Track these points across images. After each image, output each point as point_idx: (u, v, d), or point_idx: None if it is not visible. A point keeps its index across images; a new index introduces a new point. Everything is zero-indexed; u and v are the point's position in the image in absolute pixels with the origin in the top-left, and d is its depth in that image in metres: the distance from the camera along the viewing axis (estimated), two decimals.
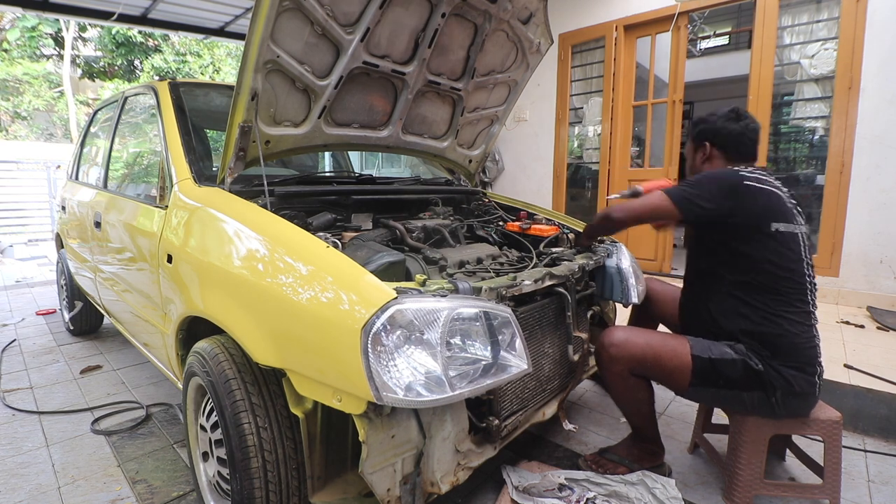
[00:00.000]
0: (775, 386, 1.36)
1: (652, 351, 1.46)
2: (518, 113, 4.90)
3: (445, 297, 1.04)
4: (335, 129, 1.81)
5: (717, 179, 1.40)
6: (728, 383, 1.40)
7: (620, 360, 1.48)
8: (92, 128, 3.06)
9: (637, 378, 1.52)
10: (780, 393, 1.37)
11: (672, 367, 1.44)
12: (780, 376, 1.36)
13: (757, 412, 1.44)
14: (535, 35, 2.02)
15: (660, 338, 1.49)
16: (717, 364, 1.40)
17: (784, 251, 1.37)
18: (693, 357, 1.41)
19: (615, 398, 1.62)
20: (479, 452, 1.29)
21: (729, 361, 1.39)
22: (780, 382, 1.36)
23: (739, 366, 1.38)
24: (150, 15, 5.15)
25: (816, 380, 1.39)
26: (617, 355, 1.48)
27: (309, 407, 1.12)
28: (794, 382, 1.36)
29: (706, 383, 1.42)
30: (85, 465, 1.76)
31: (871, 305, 3.11)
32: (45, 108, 13.63)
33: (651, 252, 4.17)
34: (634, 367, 1.48)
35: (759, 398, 1.40)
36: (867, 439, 1.96)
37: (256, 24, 1.33)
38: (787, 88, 3.55)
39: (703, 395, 1.49)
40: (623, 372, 1.50)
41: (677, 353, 1.43)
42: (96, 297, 2.56)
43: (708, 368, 1.40)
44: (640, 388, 1.54)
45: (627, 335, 1.50)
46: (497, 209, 2.26)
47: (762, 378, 1.37)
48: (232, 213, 1.35)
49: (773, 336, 1.37)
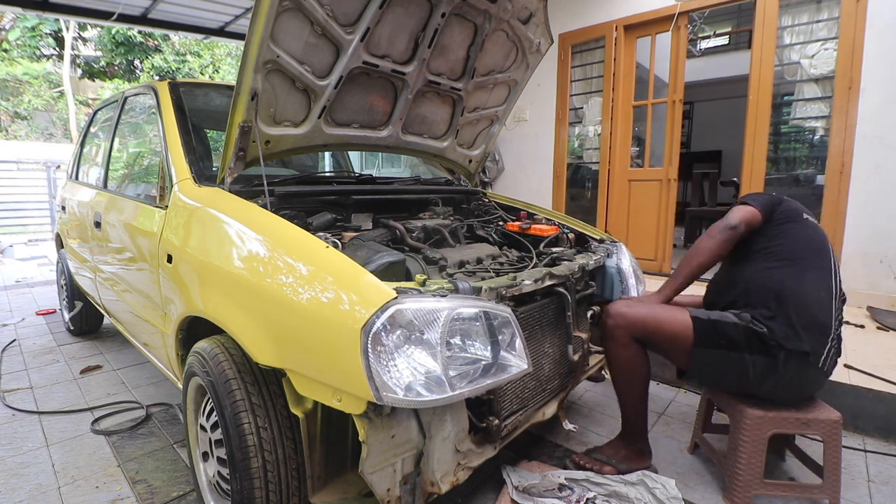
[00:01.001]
0: (781, 345, 1.38)
1: (653, 315, 1.55)
2: (518, 113, 4.90)
3: (445, 297, 1.04)
4: (335, 129, 1.81)
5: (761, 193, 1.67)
6: (730, 344, 1.44)
7: (623, 326, 1.57)
8: (92, 128, 3.06)
9: (638, 347, 1.57)
10: (784, 354, 1.38)
11: (674, 331, 1.51)
12: (788, 329, 1.39)
13: (763, 384, 1.44)
14: (535, 35, 2.02)
15: (661, 307, 1.60)
16: (717, 325, 1.47)
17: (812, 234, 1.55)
18: (693, 318, 1.50)
19: (613, 371, 1.65)
20: (479, 452, 1.29)
21: (730, 324, 1.46)
22: (788, 335, 1.38)
23: (741, 329, 1.44)
24: (150, 15, 5.15)
25: (829, 346, 1.41)
26: (621, 322, 1.57)
27: (309, 407, 1.12)
28: (805, 339, 1.38)
29: (709, 344, 1.46)
30: (85, 465, 1.76)
31: (871, 305, 3.11)
32: (45, 108, 13.63)
33: (651, 252, 4.16)
34: (636, 333, 1.56)
35: (764, 364, 1.41)
36: (867, 439, 1.96)
37: (256, 24, 1.33)
38: (787, 88, 3.54)
39: (707, 361, 1.49)
40: (625, 338, 1.57)
41: (677, 318, 1.52)
42: (96, 297, 2.56)
43: (709, 328, 1.47)
44: (638, 361, 1.59)
45: (630, 303, 1.63)
46: (497, 209, 2.26)
47: (766, 340, 1.39)
48: (232, 213, 1.35)
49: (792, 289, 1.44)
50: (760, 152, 3.53)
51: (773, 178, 3.63)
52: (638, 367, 1.60)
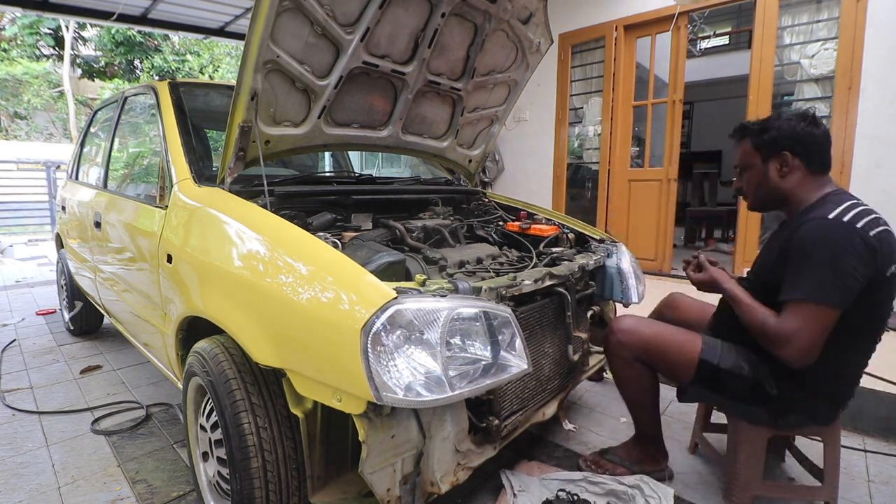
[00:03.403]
0: (789, 410, 1.31)
1: (659, 341, 1.43)
2: (518, 113, 4.90)
3: (445, 297, 1.04)
4: (335, 129, 1.81)
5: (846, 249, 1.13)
6: (730, 394, 1.36)
7: (627, 346, 1.47)
8: (92, 128, 3.06)
9: (642, 366, 1.49)
10: (793, 416, 1.32)
11: (676, 363, 1.41)
12: (801, 403, 1.30)
13: (759, 423, 1.40)
14: (535, 35, 2.02)
15: (670, 331, 1.45)
16: (722, 375, 1.33)
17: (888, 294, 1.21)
18: (700, 360, 1.36)
19: (619, 385, 1.60)
20: (479, 452, 1.29)
21: (738, 377, 1.31)
22: (797, 407, 1.30)
23: (748, 384, 1.30)
24: (150, 15, 5.15)
25: (841, 407, 1.34)
26: (624, 340, 1.47)
27: (309, 407, 1.12)
28: (818, 408, 1.31)
29: (706, 387, 1.39)
30: (85, 465, 1.76)
31: None
32: (45, 108, 13.63)
33: (651, 252, 4.16)
34: (640, 355, 1.47)
35: (760, 413, 1.36)
36: (867, 439, 1.96)
37: (256, 24, 1.33)
38: (787, 88, 3.54)
39: (703, 397, 1.47)
40: (628, 357, 1.49)
41: (684, 350, 1.39)
42: (96, 297, 2.56)
43: (712, 376, 1.35)
44: (644, 378, 1.51)
45: (637, 322, 1.49)
46: (497, 209, 2.26)
47: (773, 402, 1.31)
48: (232, 213, 1.35)
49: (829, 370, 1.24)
50: None
51: None
52: (643, 382, 1.53)
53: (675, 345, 1.41)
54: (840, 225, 1.17)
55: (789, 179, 1.32)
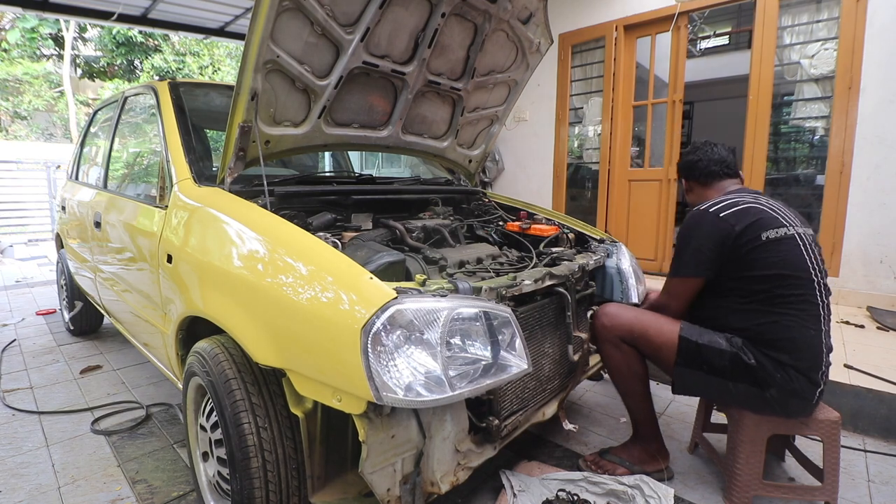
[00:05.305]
0: (770, 382, 1.37)
1: (640, 323, 1.56)
2: (518, 113, 4.90)
3: (445, 297, 1.04)
4: (335, 129, 1.81)
5: (693, 228, 1.47)
6: (713, 370, 1.43)
7: (611, 329, 1.60)
8: (92, 128, 3.06)
9: (630, 348, 1.58)
10: (775, 390, 1.37)
11: (658, 343, 1.51)
12: (776, 373, 1.36)
13: (749, 405, 1.44)
14: (535, 35, 2.02)
15: (652, 315, 1.58)
16: (703, 349, 1.44)
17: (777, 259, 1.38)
18: (680, 338, 1.48)
19: (611, 374, 1.66)
20: (479, 452, 1.29)
21: (717, 350, 1.42)
22: (777, 379, 1.36)
23: (727, 356, 1.41)
24: (150, 15, 5.15)
25: (820, 382, 1.38)
26: (608, 324, 1.60)
27: (309, 407, 1.12)
28: (795, 381, 1.36)
29: (691, 365, 1.46)
30: (85, 465, 1.76)
31: (871, 305, 3.11)
32: (45, 108, 13.63)
33: (651, 252, 4.17)
34: (625, 336, 1.58)
35: (749, 391, 1.40)
36: (867, 439, 1.96)
37: (256, 24, 1.33)
38: (787, 88, 3.54)
39: (690, 379, 1.49)
40: (615, 340, 1.59)
41: (664, 330, 1.51)
42: (96, 297, 2.56)
43: (693, 351, 1.45)
44: (633, 361, 1.59)
45: (620, 307, 1.64)
46: (497, 209, 2.26)
47: (754, 372, 1.38)
48: (232, 213, 1.35)
49: (774, 334, 1.38)
50: (760, 152, 3.54)
51: (772, 177, 3.64)
52: (632, 365, 1.60)
53: (655, 325, 1.54)
54: (698, 213, 1.48)
55: (692, 194, 1.73)
